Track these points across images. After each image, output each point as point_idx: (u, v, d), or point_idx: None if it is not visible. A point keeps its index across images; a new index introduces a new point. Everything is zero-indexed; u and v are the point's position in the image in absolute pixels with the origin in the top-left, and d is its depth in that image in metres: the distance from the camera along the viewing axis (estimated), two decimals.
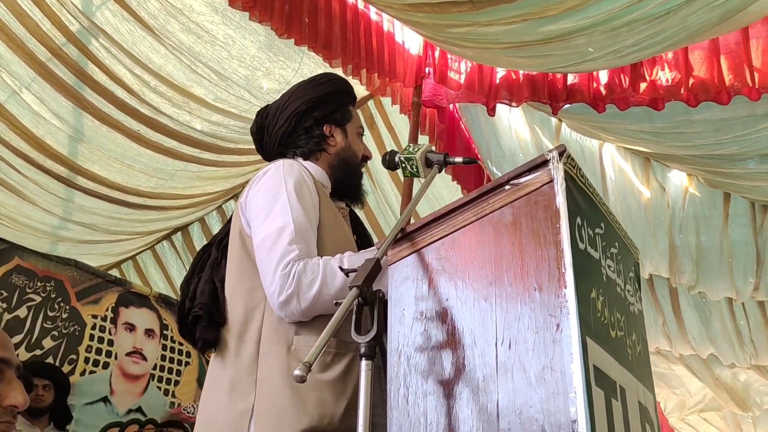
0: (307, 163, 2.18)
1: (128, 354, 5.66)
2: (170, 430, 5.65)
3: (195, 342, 2.01)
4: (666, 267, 5.65)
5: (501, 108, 4.82)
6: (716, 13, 3.18)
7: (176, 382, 5.99)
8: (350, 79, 4.52)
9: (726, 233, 5.33)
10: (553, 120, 4.93)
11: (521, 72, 4.22)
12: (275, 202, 1.94)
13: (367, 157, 2.37)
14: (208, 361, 2.08)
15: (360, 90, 4.87)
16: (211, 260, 2.13)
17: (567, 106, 4.25)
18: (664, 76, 3.80)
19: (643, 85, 3.84)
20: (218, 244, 2.17)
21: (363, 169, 2.41)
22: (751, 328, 6.30)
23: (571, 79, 4.11)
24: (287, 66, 4.45)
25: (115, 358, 5.55)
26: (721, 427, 9.30)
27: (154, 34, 4.04)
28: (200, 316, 1.97)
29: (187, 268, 2.29)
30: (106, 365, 5.46)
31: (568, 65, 3.85)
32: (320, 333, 1.33)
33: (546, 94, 4.12)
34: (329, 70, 4.41)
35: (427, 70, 4.52)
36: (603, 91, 3.99)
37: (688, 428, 9.32)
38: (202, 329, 1.97)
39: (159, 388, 5.85)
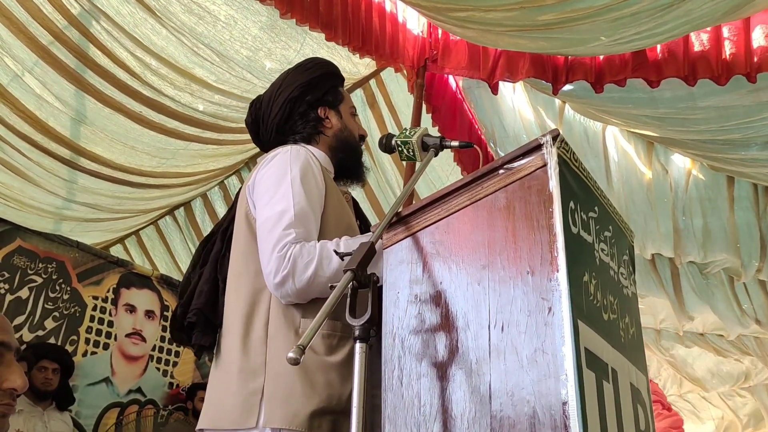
0: (311, 148, 2.18)
1: (128, 335, 5.72)
2: (174, 412, 5.71)
3: (191, 347, 2.05)
4: (669, 248, 5.67)
5: (504, 89, 4.81)
6: (721, 6, 3.17)
7: (174, 363, 6.05)
8: (352, 60, 4.54)
9: (730, 216, 5.34)
10: (557, 101, 4.92)
11: None
12: (279, 187, 1.96)
13: (363, 136, 2.38)
14: None
15: (360, 70, 4.86)
16: (214, 252, 2.14)
17: (569, 88, 4.25)
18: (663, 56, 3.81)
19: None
20: (223, 234, 2.18)
21: (363, 148, 2.43)
22: (755, 308, 6.33)
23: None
24: (289, 46, 4.44)
25: (115, 339, 5.60)
26: (720, 405, 9.36)
27: (155, 16, 4.03)
28: (194, 323, 2.01)
29: (189, 244, 2.33)
30: (106, 346, 5.52)
31: (570, 49, 3.85)
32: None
33: (549, 70, 4.11)
34: (331, 50, 4.40)
35: (433, 53, 4.51)
36: (603, 65, 3.98)
37: (687, 405, 9.39)
38: (197, 335, 2.01)
39: (158, 369, 5.91)
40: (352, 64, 4.71)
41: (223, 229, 2.20)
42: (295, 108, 2.24)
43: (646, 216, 5.40)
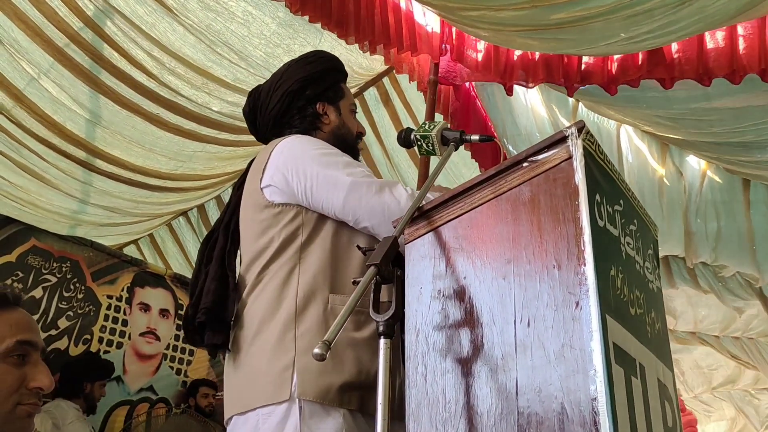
0: None
1: (142, 334, 5.72)
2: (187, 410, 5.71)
3: (205, 347, 2.04)
4: (681, 251, 5.62)
5: (518, 87, 4.78)
6: (735, 4, 3.14)
7: (188, 362, 6.06)
8: (368, 56, 4.52)
9: (746, 220, 5.29)
10: (570, 99, 4.89)
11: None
12: (336, 157, 2.01)
13: (361, 134, 2.37)
14: None
15: (376, 66, 4.84)
16: (218, 249, 2.14)
17: (582, 87, 4.22)
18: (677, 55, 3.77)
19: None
20: (225, 229, 2.18)
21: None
22: None
23: (585, 58, 4.07)
24: (308, 42, 4.42)
25: (129, 338, 5.61)
26: (733, 406, 9.32)
27: (171, 13, 4.02)
28: (204, 322, 2.00)
29: None
30: (119, 345, 5.53)
31: (583, 49, 3.82)
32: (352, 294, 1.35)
33: (561, 74, 4.09)
34: (348, 47, 4.38)
35: (444, 46, 4.48)
36: (617, 69, 3.95)
37: (701, 406, 9.34)
38: (209, 334, 2.00)
39: (171, 367, 5.92)
40: (368, 60, 4.69)
41: (225, 224, 2.20)
42: (294, 102, 2.24)
43: (659, 218, 5.35)
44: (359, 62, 4.67)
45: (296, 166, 2.00)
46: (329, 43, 4.42)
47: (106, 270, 5.59)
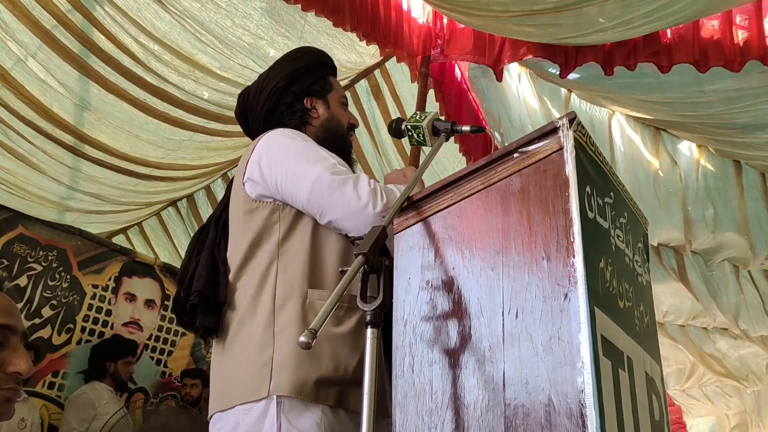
0: None
1: (125, 324, 5.71)
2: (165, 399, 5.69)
3: (196, 330, 2.05)
4: (676, 238, 5.64)
5: (510, 78, 4.77)
6: None
7: (170, 353, 6.06)
8: (360, 48, 4.50)
9: (739, 206, 5.31)
10: (563, 90, 4.89)
11: None
12: (307, 151, 2.00)
13: (353, 125, 2.38)
14: None
15: (366, 59, 4.82)
16: (209, 240, 2.16)
17: (576, 76, 4.21)
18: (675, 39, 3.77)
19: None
20: (216, 223, 2.21)
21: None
22: (764, 300, 6.31)
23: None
24: (290, 33, 4.39)
25: (111, 327, 5.60)
26: (720, 399, 9.33)
27: (158, 1, 3.99)
28: (197, 304, 2.01)
29: (192, 234, 2.35)
30: (101, 335, 5.52)
31: (578, 35, 3.80)
32: (332, 289, 1.34)
33: (558, 53, 4.06)
34: (331, 37, 4.36)
35: (438, 42, 4.47)
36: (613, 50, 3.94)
37: (688, 399, 9.36)
38: (201, 317, 2.01)
39: (152, 357, 5.93)
40: (356, 54, 4.66)
41: (216, 218, 2.22)
42: (281, 99, 2.25)
43: (653, 206, 5.37)
44: (347, 56, 4.65)
45: (269, 159, 2.02)
46: (311, 34, 4.40)
47: (94, 259, 5.57)
